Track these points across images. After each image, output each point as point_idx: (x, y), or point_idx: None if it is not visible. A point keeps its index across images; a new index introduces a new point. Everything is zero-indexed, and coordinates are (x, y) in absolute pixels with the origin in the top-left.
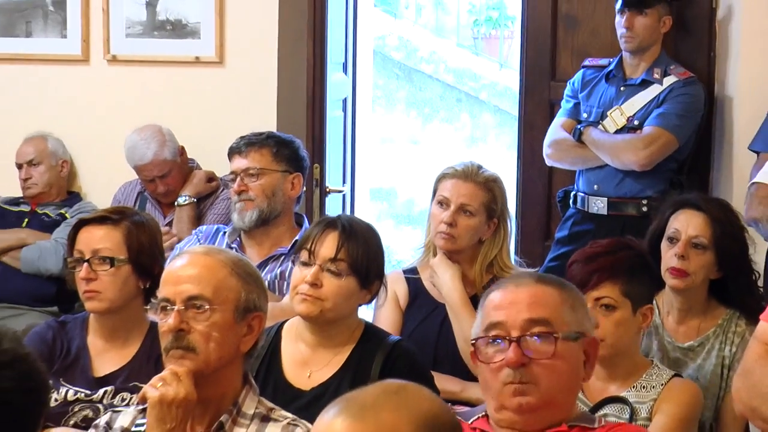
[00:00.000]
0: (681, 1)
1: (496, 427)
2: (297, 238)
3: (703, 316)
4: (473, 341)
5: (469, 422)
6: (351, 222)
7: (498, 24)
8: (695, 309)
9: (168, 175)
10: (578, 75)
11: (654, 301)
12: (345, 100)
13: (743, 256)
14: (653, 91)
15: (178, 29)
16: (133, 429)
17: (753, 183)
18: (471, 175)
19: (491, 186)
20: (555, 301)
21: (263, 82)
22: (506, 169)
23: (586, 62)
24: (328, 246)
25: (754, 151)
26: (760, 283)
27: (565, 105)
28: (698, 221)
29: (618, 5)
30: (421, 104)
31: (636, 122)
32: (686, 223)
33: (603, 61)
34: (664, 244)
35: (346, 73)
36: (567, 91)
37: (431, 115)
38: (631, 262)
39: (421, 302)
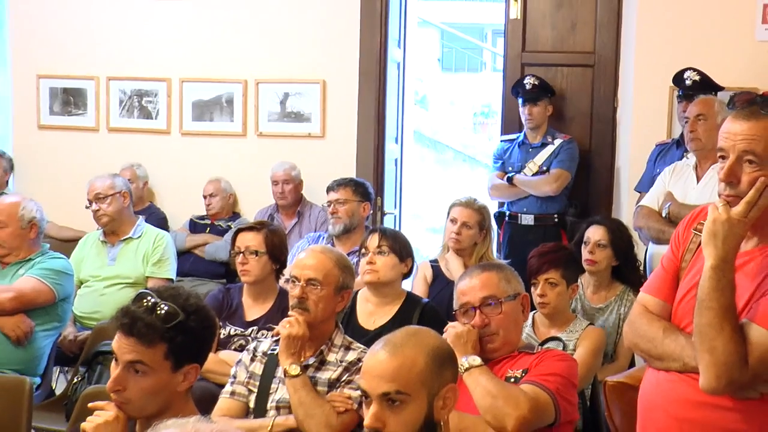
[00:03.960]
0: (555, 95)
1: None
2: None
3: (608, 289)
4: (454, 312)
5: None
6: (385, 227)
7: (487, 115)
8: (603, 285)
9: (288, 183)
10: (499, 146)
11: (579, 280)
12: (396, 160)
13: (630, 252)
14: (550, 148)
15: (298, 117)
16: (269, 351)
17: (639, 205)
18: (470, 204)
19: (482, 211)
20: (495, 280)
21: (348, 148)
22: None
23: (502, 138)
24: (374, 240)
25: (637, 191)
26: (642, 269)
27: (494, 164)
28: (601, 231)
29: (520, 101)
30: (441, 161)
31: (544, 168)
32: (593, 232)
33: (512, 136)
34: (583, 246)
35: (396, 142)
36: (494, 156)
37: (448, 166)
38: (566, 257)
39: (439, 280)
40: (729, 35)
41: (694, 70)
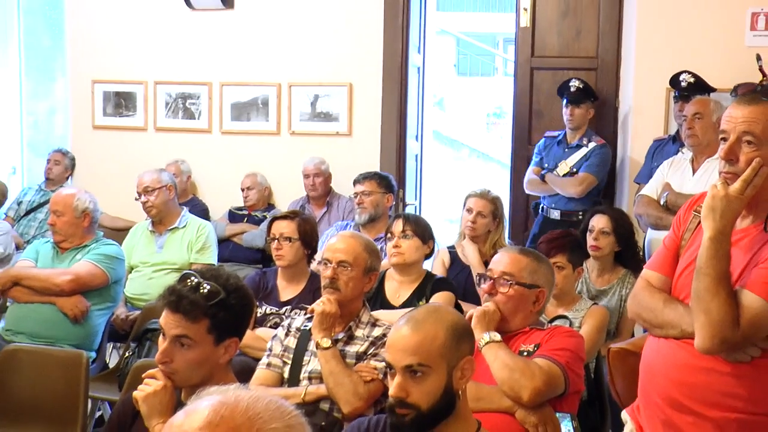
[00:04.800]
0: (599, 100)
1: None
2: None
3: (610, 273)
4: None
5: None
6: (408, 213)
7: (499, 116)
8: (606, 268)
9: (318, 176)
10: (541, 141)
11: (584, 264)
12: (416, 156)
13: (631, 238)
14: (583, 151)
15: (327, 116)
16: (302, 327)
17: (639, 194)
18: (484, 195)
19: (495, 201)
20: (522, 264)
21: (373, 145)
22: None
23: (546, 134)
24: (398, 225)
25: (636, 183)
26: (642, 254)
27: (535, 158)
28: (604, 219)
29: (564, 102)
30: (457, 157)
31: (575, 170)
32: (597, 221)
33: (555, 133)
34: (588, 234)
35: (417, 140)
36: (535, 151)
37: (463, 162)
38: (572, 242)
39: (456, 264)
40: (721, 41)
41: (689, 72)
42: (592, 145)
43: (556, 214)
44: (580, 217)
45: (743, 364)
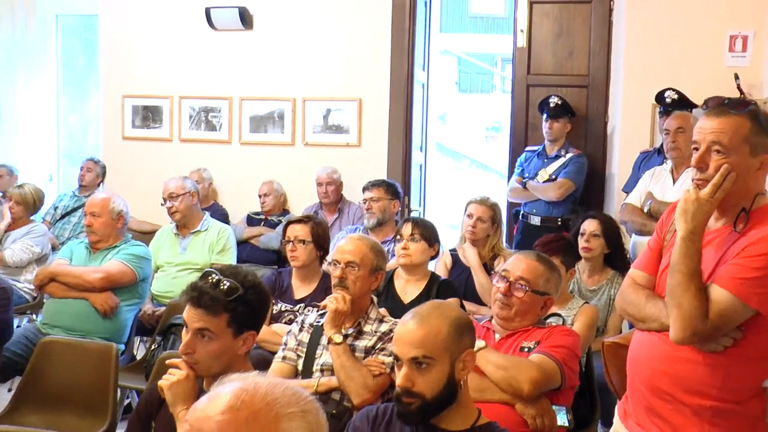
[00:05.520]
0: (576, 116)
1: (495, 325)
2: None
3: (600, 273)
4: (494, 273)
5: (481, 323)
6: (417, 218)
7: (497, 130)
8: (596, 270)
9: (331, 184)
10: (522, 156)
11: (576, 266)
12: (420, 165)
13: (619, 241)
14: (561, 160)
15: (338, 129)
16: (315, 323)
17: (624, 203)
18: (484, 201)
19: (494, 207)
20: (538, 272)
21: (380, 155)
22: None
23: (527, 148)
24: (407, 228)
25: (624, 192)
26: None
27: (517, 170)
28: (595, 223)
29: (544, 116)
30: (458, 168)
31: (554, 177)
32: (588, 225)
33: (534, 147)
34: (579, 237)
35: (421, 151)
36: (517, 164)
37: (464, 172)
38: (565, 245)
39: (457, 266)
40: (702, 61)
41: (673, 90)
42: (569, 155)
43: (536, 220)
44: (559, 223)
45: (717, 355)
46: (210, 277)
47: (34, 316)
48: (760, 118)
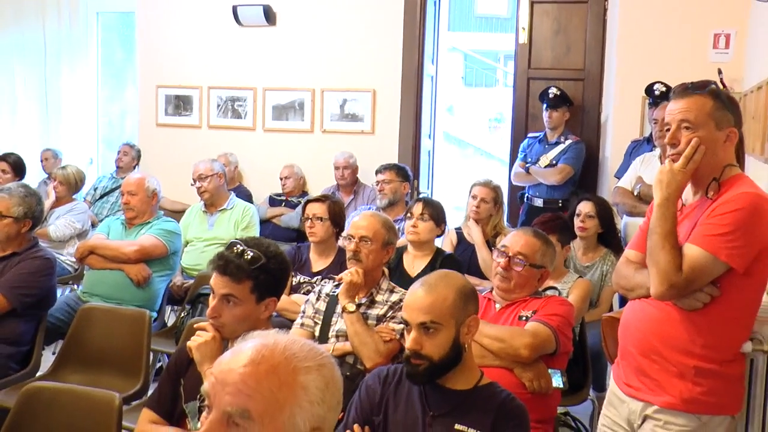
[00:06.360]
0: (574, 105)
1: (496, 296)
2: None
3: (594, 251)
4: (495, 249)
5: (483, 294)
6: (428, 198)
7: (500, 121)
8: (590, 248)
9: (347, 168)
10: (525, 141)
11: (571, 244)
12: (429, 152)
13: (612, 221)
14: (561, 146)
15: (354, 117)
16: (331, 293)
17: (616, 186)
18: (487, 184)
19: (496, 189)
20: (535, 247)
21: (392, 142)
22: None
23: (529, 135)
24: (418, 208)
25: (616, 177)
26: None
27: (520, 155)
28: (590, 205)
29: (544, 106)
30: (464, 155)
31: (554, 162)
32: (584, 206)
33: (536, 134)
34: (575, 217)
35: (430, 139)
36: (520, 149)
37: (468, 158)
38: (561, 224)
39: (462, 243)
40: (689, 57)
41: (662, 83)
42: (568, 141)
43: (539, 202)
44: (560, 204)
45: (699, 315)
46: (235, 248)
47: (75, 286)
48: (721, 96)
